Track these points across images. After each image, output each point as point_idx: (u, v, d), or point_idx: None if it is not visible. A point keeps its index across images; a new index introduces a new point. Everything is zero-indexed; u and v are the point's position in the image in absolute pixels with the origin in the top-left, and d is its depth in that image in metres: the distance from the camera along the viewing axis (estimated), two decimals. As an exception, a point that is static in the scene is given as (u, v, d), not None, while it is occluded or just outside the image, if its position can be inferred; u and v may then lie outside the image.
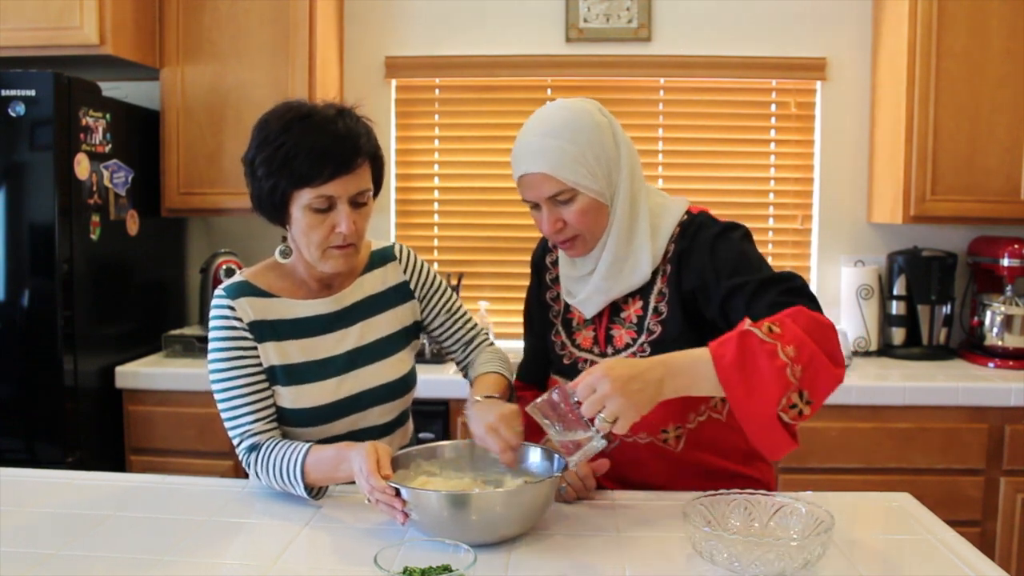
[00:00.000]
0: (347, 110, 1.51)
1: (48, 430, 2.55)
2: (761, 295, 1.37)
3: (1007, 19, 2.78)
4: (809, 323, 1.29)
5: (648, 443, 1.52)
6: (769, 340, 1.24)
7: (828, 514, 1.22)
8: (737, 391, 1.24)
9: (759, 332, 1.25)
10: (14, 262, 2.51)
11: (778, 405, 1.23)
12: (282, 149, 1.43)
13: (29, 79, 2.47)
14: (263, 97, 2.89)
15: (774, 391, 1.23)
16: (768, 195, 3.26)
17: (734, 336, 1.26)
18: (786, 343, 1.24)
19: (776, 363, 1.23)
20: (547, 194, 1.45)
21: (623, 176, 1.48)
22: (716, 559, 1.16)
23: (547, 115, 1.47)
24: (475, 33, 3.22)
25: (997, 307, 2.92)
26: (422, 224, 3.34)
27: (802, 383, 1.24)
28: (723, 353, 1.25)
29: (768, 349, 1.24)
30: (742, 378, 1.24)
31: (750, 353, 1.24)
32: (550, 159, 1.42)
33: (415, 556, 1.12)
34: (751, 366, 1.24)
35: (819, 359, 1.26)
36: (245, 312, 1.53)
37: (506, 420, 1.42)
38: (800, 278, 1.40)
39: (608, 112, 1.51)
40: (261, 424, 1.53)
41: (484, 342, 1.78)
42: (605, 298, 1.52)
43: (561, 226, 1.47)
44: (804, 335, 1.26)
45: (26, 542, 1.32)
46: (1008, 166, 2.82)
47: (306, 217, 1.47)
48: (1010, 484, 2.60)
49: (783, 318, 1.29)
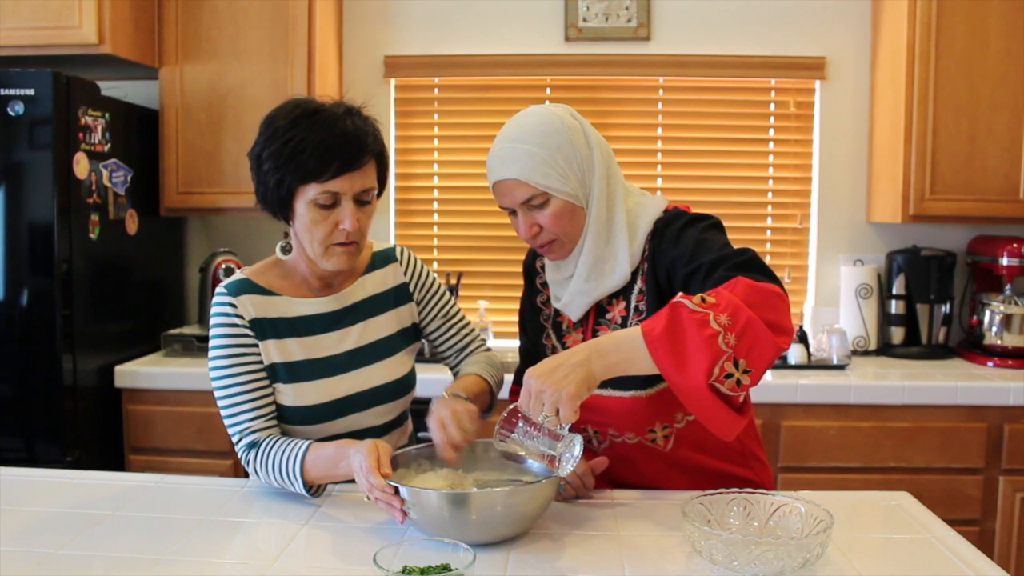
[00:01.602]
0: (355, 109, 1.52)
1: (47, 429, 2.55)
2: (711, 274, 1.35)
3: (1006, 19, 2.79)
4: (748, 291, 1.26)
5: (637, 443, 1.52)
6: (700, 310, 1.23)
7: (827, 513, 1.22)
8: (667, 363, 1.22)
9: (689, 303, 1.24)
10: (13, 261, 2.51)
11: (710, 375, 1.20)
12: (290, 144, 1.44)
13: (28, 78, 2.47)
14: (262, 96, 2.90)
15: (704, 359, 1.20)
16: (767, 194, 3.26)
17: (664, 309, 1.25)
18: (719, 312, 1.22)
19: (706, 332, 1.21)
20: (520, 199, 1.45)
21: (596, 177, 1.48)
22: (715, 558, 1.17)
23: (517, 122, 1.49)
24: (474, 32, 3.22)
25: (996, 306, 2.92)
26: (421, 224, 3.34)
27: (737, 351, 1.21)
28: (653, 326, 1.24)
29: (698, 318, 1.22)
30: (671, 349, 1.22)
31: (679, 324, 1.22)
32: (520, 164, 1.43)
33: (414, 555, 1.12)
34: (679, 336, 1.22)
35: (756, 325, 1.22)
36: (246, 309, 1.54)
37: (457, 417, 1.43)
38: (752, 251, 1.38)
39: (580, 115, 1.52)
40: (261, 422, 1.53)
41: (479, 348, 1.78)
42: (588, 300, 1.52)
43: (537, 231, 1.48)
44: (740, 303, 1.23)
45: (25, 542, 1.32)
46: (1007, 165, 2.83)
47: (310, 212, 1.47)
48: (1009, 483, 2.61)
49: (719, 289, 1.27)
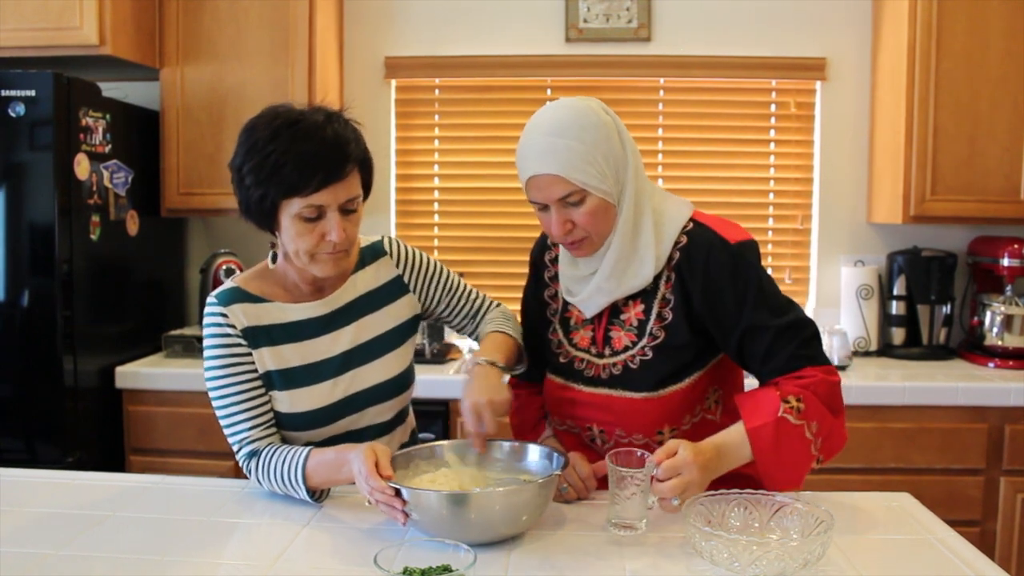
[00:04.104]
0: (336, 114, 1.48)
1: (48, 430, 2.56)
2: (781, 345, 1.43)
3: (1007, 19, 2.79)
4: (827, 393, 1.41)
5: (644, 444, 1.52)
6: (797, 422, 1.37)
7: (828, 514, 1.22)
8: (770, 469, 1.39)
9: (791, 418, 1.37)
10: (14, 262, 2.52)
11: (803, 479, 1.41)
12: (271, 158, 1.40)
13: (29, 79, 2.47)
14: (263, 97, 2.88)
15: (802, 468, 1.40)
16: (768, 195, 3.26)
17: (771, 422, 1.37)
18: (811, 420, 1.38)
19: (804, 444, 1.38)
20: (557, 196, 1.42)
21: (630, 175, 1.46)
22: (716, 559, 1.16)
23: (552, 114, 1.45)
24: (475, 33, 3.22)
25: (997, 307, 2.92)
26: (422, 224, 3.34)
27: (821, 451, 1.40)
28: (760, 436, 1.37)
29: (798, 432, 1.37)
30: (776, 460, 1.38)
31: (785, 437, 1.37)
32: (560, 160, 1.40)
33: (415, 556, 1.12)
34: (785, 449, 1.37)
35: (836, 430, 1.42)
36: (238, 319, 1.52)
37: (494, 407, 1.45)
38: (813, 324, 1.48)
39: (611, 110, 1.49)
40: (259, 430, 1.52)
41: (491, 307, 1.76)
42: (606, 299, 1.51)
43: (570, 228, 1.45)
44: (824, 409, 1.39)
45: (26, 542, 1.32)
46: (1008, 166, 2.82)
47: (295, 225, 1.44)
48: (1010, 484, 2.60)
49: (808, 393, 1.39)
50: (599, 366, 1.53)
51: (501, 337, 1.63)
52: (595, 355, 1.55)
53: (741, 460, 1.39)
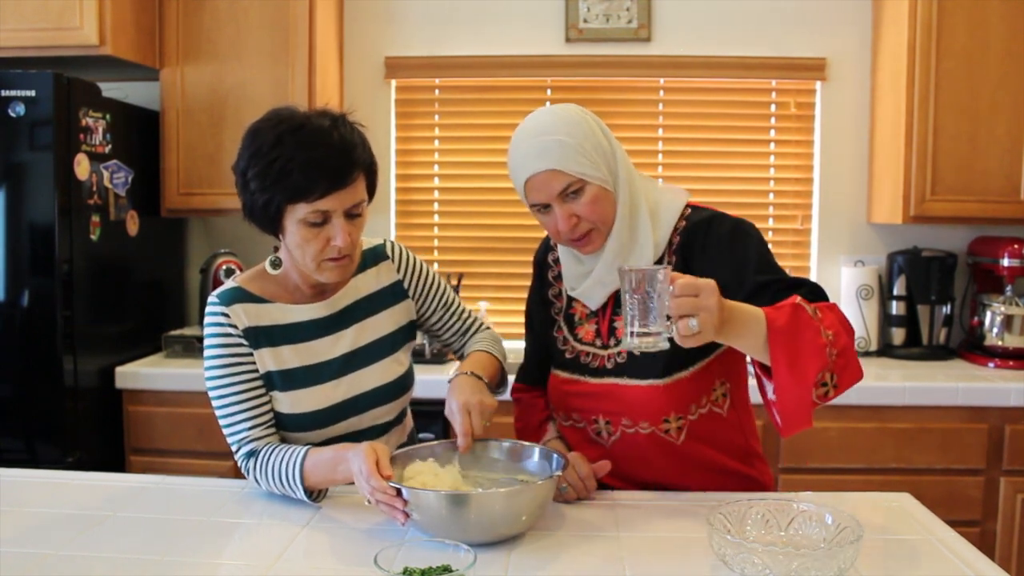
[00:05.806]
0: (341, 118, 1.48)
1: (48, 430, 2.55)
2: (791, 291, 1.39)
3: (1007, 19, 2.79)
4: (843, 318, 1.37)
5: (650, 434, 1.52)
6: (815, 318, 1.30)
7: (851, 518, 1.20)
8: (781, 356, 1.28)
9: (808, 309, 1.31)
10: (14, 262, 2.51)
11: (816, 378, 1.29)
12: (276, 163, 1.40)
13: (29, 79, 2.47)
14: (263, 97, 2.90)
15: (815, 364, 1.28)
16: (768, 195, 3.26)
17: (787, 306, 1.30)
18: (827, 326, 1.31)
19: (819, 340, 1.29)
20: (557, 190, 1.45)
21: (620, 165, 1.50)
22: (747, 571, 1.13)
23: (535, 119, 1.50)
24: (475, 33, 3.22)
25: (997, 307, 2.92)
26: (422, 224, 3.34)
27: (835, 366, 1.31)
28: (776, 317, 1.29)
29: (815, 326, 1.30)
30: (788, 344, 1.28)
31: (799, 324, 1.29)
32: (553, 155, 1.44)
33: (415, 556, 1.12)
34: (799, 337, 1.28)
35: (850, 350, 1.34)
36: (239, 319, 1.52)
37: (482, 408, 1.46)
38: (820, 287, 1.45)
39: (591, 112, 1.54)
40: (259, 430, 1.52)
41: (480, 328, 1.78)
42: (608, 289, 1.53)
43: (575, 221, 1.47)
44: (840, 328, 1.33)
45: (26, 542, 1.32)
46: (1008, 166, 2.82)
47: (300, 231, 1.44)
48: (1010, 484, 2.60)
49: (823, 306, 1.35)
50: (603, 357, 1.55)
51: (486, 356, 1.65)
52: (600, 347, 1.56)
53: (750, 336, 1.28)
